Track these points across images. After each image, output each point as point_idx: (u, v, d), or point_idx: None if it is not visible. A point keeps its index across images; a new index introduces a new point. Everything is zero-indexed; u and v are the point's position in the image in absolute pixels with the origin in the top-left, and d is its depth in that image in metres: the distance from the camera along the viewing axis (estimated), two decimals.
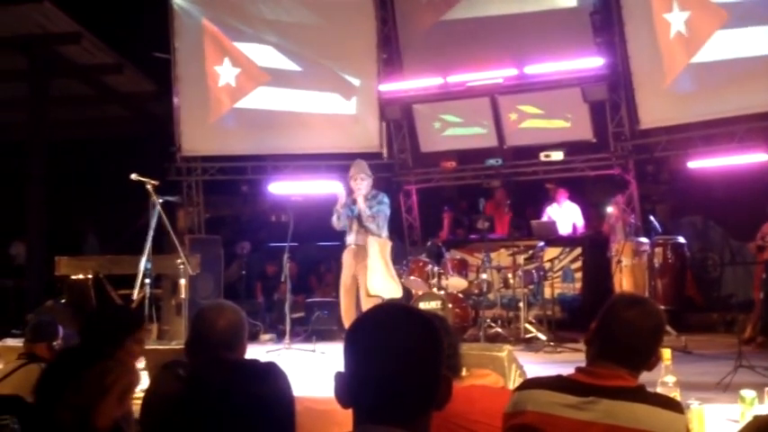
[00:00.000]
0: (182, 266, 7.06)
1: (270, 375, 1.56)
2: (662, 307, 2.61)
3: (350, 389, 1.47)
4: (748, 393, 3.29)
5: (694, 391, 4.27)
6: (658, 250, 8.41)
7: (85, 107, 12.94)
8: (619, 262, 8.36)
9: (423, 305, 8.53)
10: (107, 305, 3.93)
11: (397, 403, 1.44)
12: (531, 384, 2.29)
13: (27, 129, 11.00)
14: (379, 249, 7.24)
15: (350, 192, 7.58)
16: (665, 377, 2.83)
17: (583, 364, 2.30)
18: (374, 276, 7.26)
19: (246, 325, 2.76)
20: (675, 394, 2.69)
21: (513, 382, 4.95)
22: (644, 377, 2.28)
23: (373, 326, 1.50)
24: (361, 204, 7.26)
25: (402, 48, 11.22)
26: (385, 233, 7.39)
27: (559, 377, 2.27)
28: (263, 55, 10.99)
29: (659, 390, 2.71)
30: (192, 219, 11.06)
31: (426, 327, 1.50)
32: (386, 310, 1.57)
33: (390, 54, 11.22)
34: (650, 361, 2.29)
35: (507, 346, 5.01)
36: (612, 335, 2.25)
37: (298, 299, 9.87)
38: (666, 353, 2.70)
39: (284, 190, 10.91)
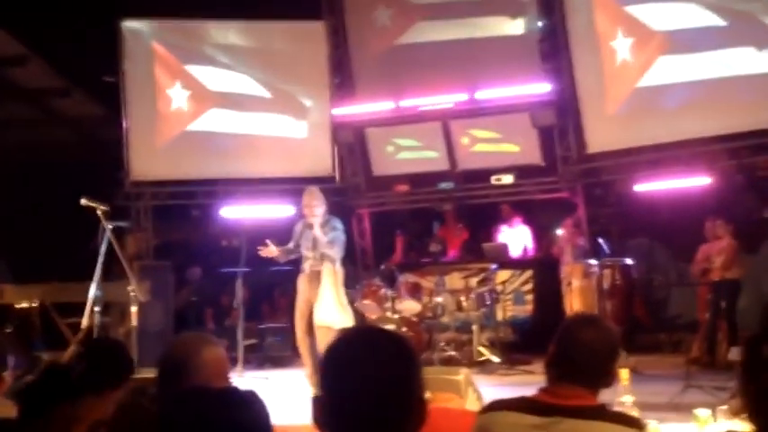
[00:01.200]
0: (132, 294, 6.92)
1: (249, 403, 1.54)
2: None
3: (329, 413, 1.47)
4: (702, 412, 3.36)
5: (647, 410, 4.32)
6: (607, 272, 8.58)
7: (32, 131, 12.67)
8: (569, 284, 8.48)
9: None
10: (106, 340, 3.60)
11: (376, 426, 1.44)
12: (495, 407, 2.31)
13: None
14: (331, 279, 7.21)
15: (301, 216, 7.55)
16: (622, 397, 2.88)
17: (538, 386, 2.34)
18: (323, 306, 7.22)
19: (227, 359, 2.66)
20: (634, 414, 2.74)
21: (470, 405, 4.97)
22: (601, 397, 2.33)
23: (350, 349, 1.51)
24: (318, 232, 7.20)
25: (355, 72, 11.30)
26: (339, 260, 7.34)
27: (523, 398, 2.30)
28: (215, 78, 10.94)
29: (617, 409, 2.75)
30: (140, 244, 10.88)
31: (402, 349, 1.51)
32: (362, 333, 1.58)
33: (343, 78, 11.28)
34: (608, 379, 2.34)
35: (464, 369, 5.02)
36: (570, 356, 2.30)
37: (250, 325, 9.75)
38: (624, 373, 2.76)
39: (236, 214, 10.82)
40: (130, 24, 10.77)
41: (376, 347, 1.50)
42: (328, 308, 7.12)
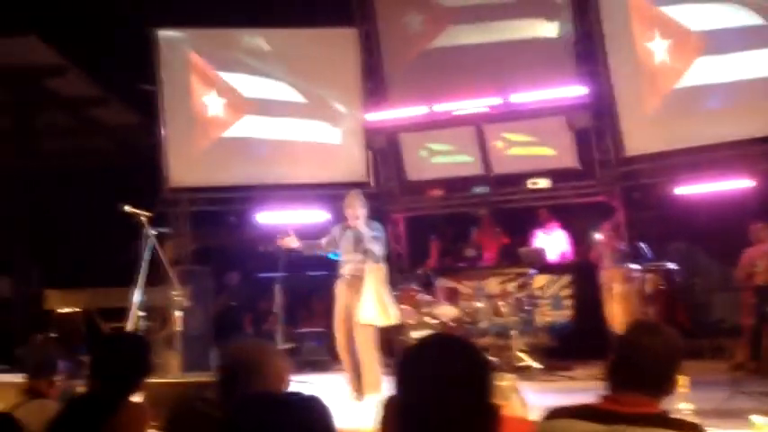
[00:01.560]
0: (176, 299, 6.99)
1: (312, 408, 1.55)
2: None
3: (402, 418, 1.47)
4: (759, 419, 3.32)
5: (696, 417, 4.28)
6: (649, 277, 8.48)
7: (71, 140, 12.88)
8: (609, 289, 8.39)
9: (414, 334, 8.53)
10: (118, 336, 3.82)
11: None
12: (557, 414, 2.29)
13: (12, 162, 10.92)
14: (374, 277, 7.20)
15: (340, 221, 7.56)
16: (679, 404, 2.85)
17: (581, 392, 2.33)
18: (366, 305, 7.21)
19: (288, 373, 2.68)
20: (694, 421, 2.71)
21: (516, 412, 4.94)
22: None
23: (427, 356, 1.52)
24: (362, 228, 7.20)
25: (387, 77, 11.31)
26: (382, 258, 7.34)
27: (584, 406, 2.28)
28: (249, 85, 11.05)
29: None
30: (178, 250, 10.98)
31: (477, 357, 1.52)
32: (438, 340, 1.59)
33: (376, 83, 11.31)
34: (671, 386, 2.32)
35: (509, 376, 4.99)
36: (633, 363, 2.28)
37: (287, 330, 9.78)
38: (683, 380, 2.72)
39: (272, 220, 10.89)
40: (166, 34, 10.90)
41: (452, 355, 1.51)
42: (370, 306, 7.12)
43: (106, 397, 2.94)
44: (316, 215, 10.55)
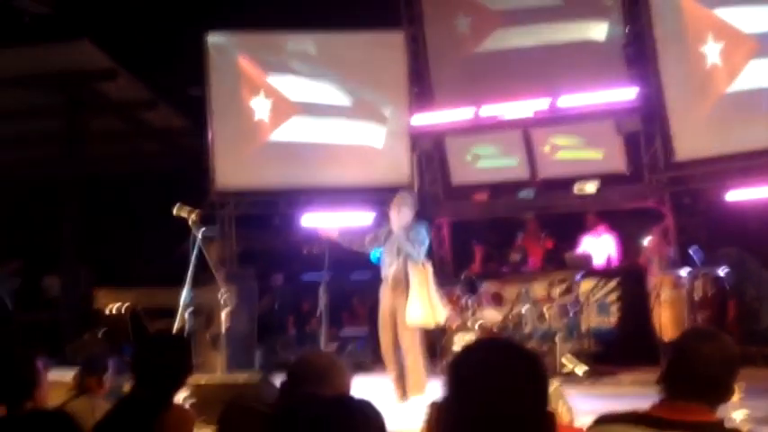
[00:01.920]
0: (222, 299, 7.06)
1: (366, 412, 1.54)
2: None
3: (454, 423, 1.46)
4: None
5: (750, 424, 4.18)
6: (698, 283, 8.31)
7: (120, 143, 13.11)
8: (658, 295, 8.24)
9: (457, 339, 8.49)
10: (159, 337, 3.83)
11: None
12: (607, 420, 2.25)
13: (63, 164, 11.16)
14: (419, 278, 7.17)
15: (387, 222, 7.56)
16: (733, 412, 2.78)
17: (627, 398, 2.28)
18: (412, 306, 7.20)
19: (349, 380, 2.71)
20: (749, 429, 2.64)
21: (561, 417, 4.88)
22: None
23: (482, 362, 1.49)
24: (398, 232, 7.19)
25: (434, 80, 11.29)
26: (423, 258, 7.30)
27: (636, 413, 2.24)
28: (297, 89, 11.12)
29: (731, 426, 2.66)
30: (224, 251, 11.11)
31: (533, 363, 1.49)
32: (493, 346, 1.57)
33: (422, 86, 11.29)
34: (727, 394, 2.26)
35: (554, 381, 4.93)
36: (690, 370, 2.23)
37: (330, 332, 9.82)
38: (738, 387, 2.65)
39: (316, 222, 10.92)
40: (215, 38, 11.02)
41: (506, 362, 1.49)
42: (417, 308, 7.10)
43: (150, 399, 2.96)
44: (360, 218, 10.57)
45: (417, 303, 7.11)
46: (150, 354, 3.19)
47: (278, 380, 2.96)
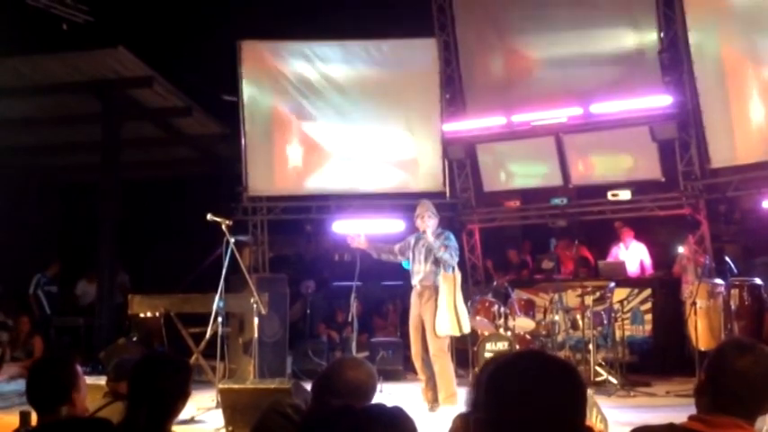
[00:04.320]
0: (254, 305, 7.12)
1: (398, 419, 1.54)
2: None
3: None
4: None
5: None
6: (734, 292, 8.16)
7: (156, 149, 13.27)
8: (693, 304, 8.13)
9: (489, 346, 8.45)
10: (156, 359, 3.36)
11: None
12: None
13: (100, 170, 11.32)
14: (448, 286, 7.18)
15: (415, 230, 7.58)
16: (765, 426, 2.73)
17: (661, 409, 2.25)
18: (440, 316, 7.19)
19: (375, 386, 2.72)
20: None
21: (595, 428, 4.82)
22: None
23: (518, 373, 1.48)
24: (430, 237, 7.23)
25: (465, 87, 11.27)
26: (455, 265, 7.33)
27: (671, 426, 2.20)
28: (327, 93, 11.16)
29: None
30: (256, 257, 11.19)
31: (569, 376, 1.48)
32: (530, 356, 1.56)
33: (453, 94, 11.27)
34: (765, 407, 2.22)
35: (588, 391, 4.88)
36: (725, 385, 2.18)
37: (361, 338, 9.85)
38: None
39: (348, 229, 10.95)
40: (249, 45, 11.10)
41: (543, 373, 1.47)
42: (445, 318, 7.11)
43: (144, 425, 2.79)
44: (392, 224, 10.57)
45: (445, 314, 7.13)
46: (147, 376, 2.95)
47: (309, 386, 2.97)
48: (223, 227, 7.12)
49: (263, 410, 2.52)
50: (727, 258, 8.43)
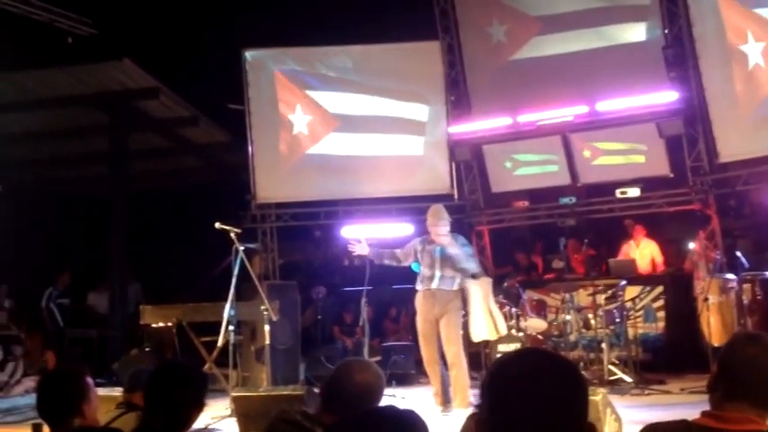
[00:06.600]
0: (265, 312, 7.12)
1: (410, 421, 1.54)
2: None
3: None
4: None
5: None
6: (746, 287, 8.12)
7: (163, 159, 13.31)
8: (705, 300, 8.09)
9: (502, 347, 8.42)
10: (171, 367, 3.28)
11: None
12: (656, 429, 2.20)
13: (108, 182, 11.37)
14: (481, 292, 7.16)
15: (421, 234, 7.56)
16: None
17: (676, 407, 2.23)
18: (475, 322, 7.17)
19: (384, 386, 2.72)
20: None
21: (609, 427, 4.81)
22: None
23: (523, 372, 1.48)
24: (453, 251, 7.14)
25: (470, 89, 11.26)
26: (480, 271, 7.32)
27: (684, 422, 2.19)
28: (334, 101, 11.18)
29: None
30: (266, 264, 11.20)
31: (573, 374, 1.47)
32: (529, 355, 1.55)
33: (458, 96, 11.27)
34: None
35: (601, 390, 4.87)
36: (736, 375, 2.17)
37: (373, 343, 9.83)
38: None
39: (356, 234, 10.94)
40: (253, 54, 11.14)
41: (547, 372, 1.47)
42: (481, 323, 7.10)
43: None
44: (401, 228, 10.57)
45: (481, 318, 7.10)
46: (164, 386, 2.92)
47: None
48: (232, 235, 7.13)
49: (270, 419, 2.52)
50: (738, 253, 8.39)
